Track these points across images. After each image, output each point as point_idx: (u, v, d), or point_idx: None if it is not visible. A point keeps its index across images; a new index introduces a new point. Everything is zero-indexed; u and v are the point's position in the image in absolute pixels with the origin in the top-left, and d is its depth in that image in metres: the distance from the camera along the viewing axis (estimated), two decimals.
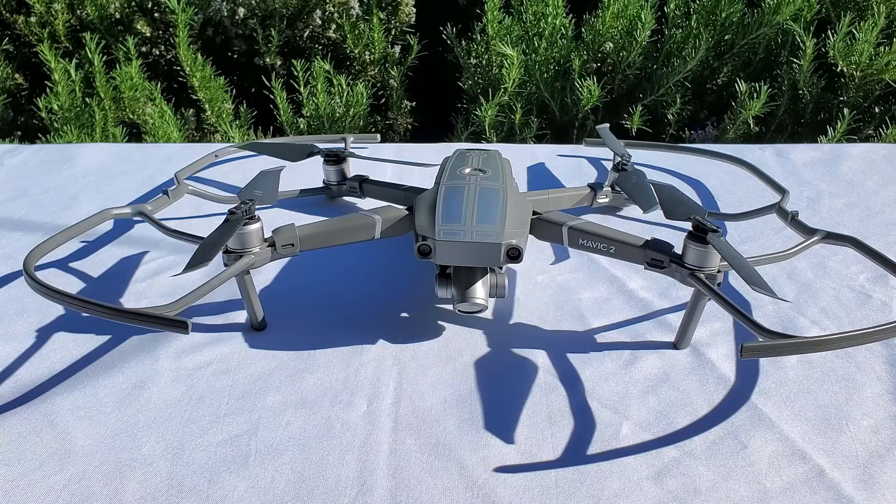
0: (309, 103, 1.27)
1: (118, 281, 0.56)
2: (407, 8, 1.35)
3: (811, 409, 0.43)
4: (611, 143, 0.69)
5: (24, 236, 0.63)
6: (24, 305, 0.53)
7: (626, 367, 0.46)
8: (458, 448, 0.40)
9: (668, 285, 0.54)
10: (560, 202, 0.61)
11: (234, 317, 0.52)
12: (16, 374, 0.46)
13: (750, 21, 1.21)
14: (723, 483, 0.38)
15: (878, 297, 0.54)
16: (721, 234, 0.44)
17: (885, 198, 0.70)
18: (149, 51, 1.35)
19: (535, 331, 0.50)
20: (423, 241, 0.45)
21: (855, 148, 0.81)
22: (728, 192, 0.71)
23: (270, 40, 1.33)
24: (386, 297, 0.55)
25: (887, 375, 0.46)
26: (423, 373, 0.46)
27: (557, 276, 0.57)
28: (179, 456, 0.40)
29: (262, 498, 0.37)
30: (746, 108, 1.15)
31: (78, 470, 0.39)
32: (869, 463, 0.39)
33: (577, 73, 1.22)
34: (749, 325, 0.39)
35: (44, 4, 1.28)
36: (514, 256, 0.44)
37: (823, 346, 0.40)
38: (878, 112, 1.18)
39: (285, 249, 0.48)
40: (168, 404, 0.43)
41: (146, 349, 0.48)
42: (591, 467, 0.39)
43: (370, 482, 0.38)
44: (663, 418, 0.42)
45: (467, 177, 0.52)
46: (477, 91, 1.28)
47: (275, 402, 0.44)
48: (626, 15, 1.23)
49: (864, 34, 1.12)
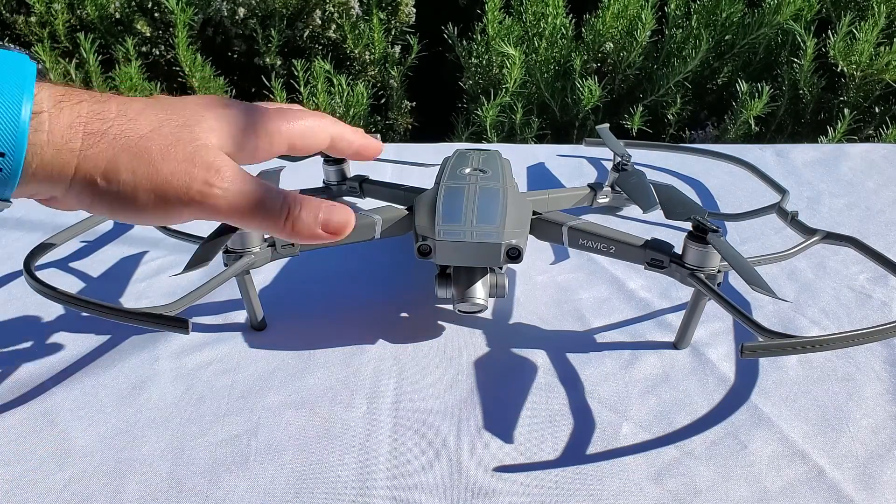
0: (309, 103, 1.27)
1: (118, 281, 0.56)
2: (407, 8, 1.35)
3: (811, 409, 0.43)
4: (611, 143, 0.69)
5: (24, 236, 0.63)
6: (24, 305, 0.53)
7: (626, 367, 0.46)
8: (458, 448, 0.40)
9: (668, 285, 0.54)
10: (560, 202, 0.61)
11: (234, 317, 0.52)
12: (16, 374, 0.46)
13: (750, 21, 1.21)
14: (723, 483, 0.38)
15: (879, 297, 0.54)
16: (721, 234, 0.44)
17: (886, 198, 0.70)
18: (149, 51, 1.35)
19: (535, 331, 0.50)
20: (423, 241, 0.45)
21: (855, 148, 0.81)
22: (728, 192, 0.71)
23: (270, 40, 1.33)
24: (386, 297, 0.55)
25: (887, 375, 0.46)
26: (423, 373, 0.46)
27: (557, 276, 0.57)
28: (179, 456, 0.40)
29: (262, 498, 0.37)
30: (747, 108, 1.15)
31: (78, 470, 0.39)
32: (869, 463, 0.39)
33: (577, 73, 1.22)
34: (749, 324, 0.39)
35: (44, 4, 1.28)
36: (515, 256, 0.44)
37: (823, 346, 0.40)
38: (879, 112, 1.18)
39: (285, 249, 0.48)
40: (168, 404, 0.43)
41: (146, 349, 0.48)
42: (591, 467, 0.39)
43: (370, 482, 0.38)
44: (663, 418, 0.42)
45: (467, 177, 0.52)
46: (477, 91, 1.28)
47: (275, 402, 0.44)
48: (626, 15, 1.23)
49: (865, 34, 1.12)
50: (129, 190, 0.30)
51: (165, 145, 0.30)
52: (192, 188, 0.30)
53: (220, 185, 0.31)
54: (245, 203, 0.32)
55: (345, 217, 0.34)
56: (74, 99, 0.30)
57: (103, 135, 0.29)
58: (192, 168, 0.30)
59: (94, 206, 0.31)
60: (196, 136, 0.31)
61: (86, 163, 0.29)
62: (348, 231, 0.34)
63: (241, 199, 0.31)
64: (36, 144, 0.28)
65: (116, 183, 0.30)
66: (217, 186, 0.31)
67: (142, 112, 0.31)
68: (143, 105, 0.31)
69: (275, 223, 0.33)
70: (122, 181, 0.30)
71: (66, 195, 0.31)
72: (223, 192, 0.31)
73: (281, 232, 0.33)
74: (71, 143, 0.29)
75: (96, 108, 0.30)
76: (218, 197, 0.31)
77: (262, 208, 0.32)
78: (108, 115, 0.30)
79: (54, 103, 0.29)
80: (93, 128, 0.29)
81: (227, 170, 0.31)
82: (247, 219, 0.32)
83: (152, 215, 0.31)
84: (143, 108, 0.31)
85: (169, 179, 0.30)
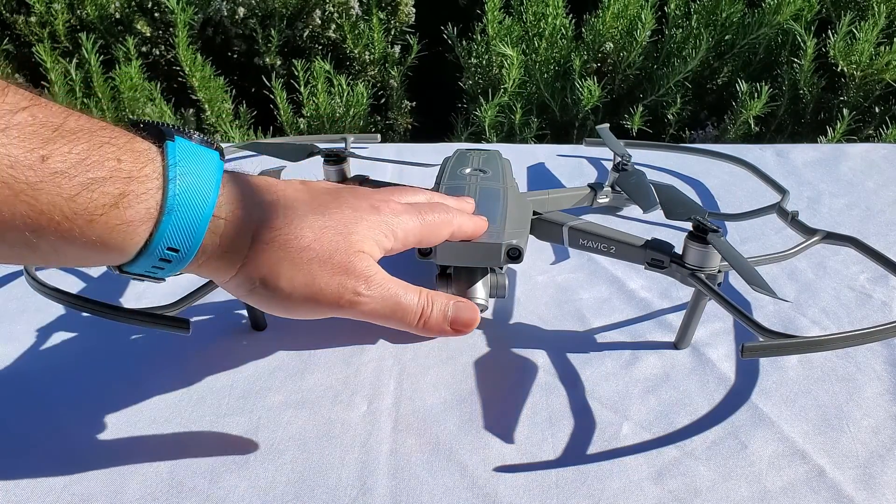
0: (309, 103, 1.27)
1: (118, 281, 0.56)
2: (407, 8, 1.35)
3: (811, 409, 0.43)
4: (611, 143, 0.69)
5: None
6: (24, 305, 0.53)
7: (626, 367, 0.46)
8: (459, 448, 0.40)
9: (669, 285, 0.54)
10: (560, 202, 0.61)
11: (234, 317, 0.52)
12: (16, 374, 0.46)
13: (750, 21, 1.21)
14: (723, 483, 0.38)
15: (879, 297, 0.54)
16: (721, 234, 0.44)
17: (886, 198, 0.70)
18: (149, 51, 1.35)
19: (535, 331, 0.50)
20: None
21: (855, 148, 0.81)
22: (728, 192, 0.71)
23: (270, 40, 1.33)
24: None
25: (887, 375, 0.46)
26: (423, 373, 0.46)
27: (557, 276, 0.57)
28: (179, 456, 0.40)
29: (262, 498, 0.37)
30: (747, 108, 1.15)
31: (78, 470, 0.39)
32: (869, 463, 0.39)
33: (577, 73, 1.22)
34: (749, 324, 0.39)
35: (44, 4, 1.28)
36: (515, 256, 0.44)
37: (824, 346, 0.40)
38: (879, 112, 1.19)
39: None
40: (168, 404, 0.43)
41: (146, 349, 0.48)
42: (591, 467, 0.39)
43: (370, 482, 0.38)
44: (663, 418, 0.42)
45: (467, 177, 0.52)
46: (477, 91, 1.28)
47: (275, 402, 0.44)
48: (626, 15, 1.23)
49: (865, 34, 1.12)
50: (286, 295, 0.33)
51: (325, 258, 0.33)
52: (343, 297, 0.34)
53: (368, 293, 0.34)
54: (387, 308, 0.35)
55: (471, 315, 0.38)
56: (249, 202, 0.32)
57: (271, 242, 0.32)
58: (346, 279, 0.34)
59: (249, 298, 0.34)
60: (351, 245, 0.34)
61: (249, 266, 0.32)
62: (473, 328, 0.38)
63: (383, 304, 0.35)
64: (208, 245, 0.31)
65: (274, 289, 0.33)
66: (364, 295, 0.34)
67: (304, 219, 0.33)
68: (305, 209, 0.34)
69: (409, 325, 0.36)
70: (280, 288, 0.33)
71: (224, 285, 0.34)
72: (370, 299, 0.34)
73: (413, 330, 0.37)
74: (241, 250, 0.32)
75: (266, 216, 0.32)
76: (364, 304, 0.34)
77: (401, 311, 0.36)
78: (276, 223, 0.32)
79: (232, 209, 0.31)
80: (262, 237, 0.32)
81: (375, 278, 0.35)
82: (385, 320, 0.36)
83: (303, 314, 0.35)
84: (305, 214, 0.34)
85: (323, 289, 0.33)
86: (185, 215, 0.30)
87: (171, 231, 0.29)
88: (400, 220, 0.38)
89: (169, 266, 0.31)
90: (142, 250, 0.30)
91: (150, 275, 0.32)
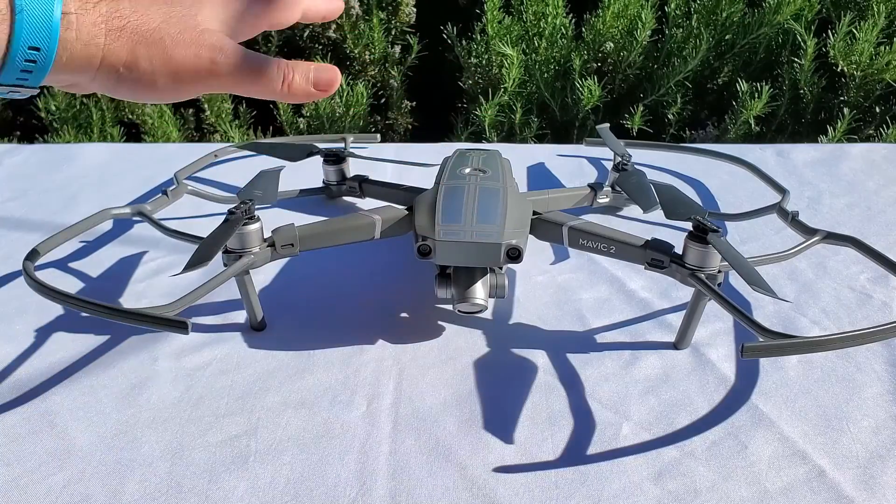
0: (309, 103, 1.27)
1: (118, 281, 0.56)
2: (407, 8, 1.35)
3: (811, 410, 0.43)
4: (611, 143, 0.69)
5: (24, 236, 0.63)
6: (23, 305, 0.53)
7: (626, 367, 0.46)
8: (458, 448, 0.40)
9: (669, 285, 0.54)
10: (560, 202, 0.61)
11: (234, 317, 0.52)
12: (15, 374, 0.46)
13: (751, 21, 1.21)
14: (723, 483, 0.38)
15: (879, 298, 0.54)
16: (721, 234, 0.43)
17: (886, 198, 0.70)
18: None
19: (535, 331, 0.50)
20: (423, 242, 0.45)
21: (855, 148, 0.81)
22: (728, 192, 0.71)
23: (270, 40, 1.32)
24: (386, 297, 0.55)
25: (887, 375, 0.45)
26: (423, 373, 0.46)
27: (557, 276, 0.57)
28: (179, 456, 0.40)
29: (261, 498, 0.37)
30: (747, 107, 1.15)
31: (77, 470, 0.39)
32: (869, 463, 0.39)
33: (577, 72, 1.22)
34: (749, 325, 0.39)
35: None
36: (515, 256, 0.44)
37: (824, 346, 0.40)
38: (879, 112, 1.18)
39: (285, 249, 0.48)
40: (167, 404, 0.43)
41: (145, 349, 0.48)
42: (591, 467, 0.39)
43: (370, 482, 0.38)
44: (663, 418, 0.42)
45: (467, 177, 0.52)
46: (477, 91, 1.27)
47: (274, 402, 0.44)
48: (626, 15, 1.23)
49: (865, 34, 1.12)
50: (149, 75, 0.35)
51: (175, 34, 0.36)
52: (200, 66, 0.36)
53: (224, 59, 0.37)
54: (248, 71, 0.37)
55: (332, 74, 0.39)
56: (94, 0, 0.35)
57: (122, 30, 0.34)
58: (200, 50, 0.36)
59: (116, 90, 0.36)
60: (199, 23, 0.37)
61: (110, 55, 0.34)
62: (336, 86, 0.40)
63: (243, 67, 0.37)
64: (66, 40, 0.33)
65: (137, 70, 0.35)
66: (221, 61, 0.37)
67: (150, 6, 0.36)
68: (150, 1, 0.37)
69: (275, 90, 0.38)
70: (141, 68, 0.35)
71: (90, 82, 0.36)
72: (227, 65, 0.37)
73: (279, 94, 0.38)
74: (96, 38, 0.34)
75: (113, 7, 0.35)
76: (224, 68, 0.37)
77: (264, 75, 0.38)
78: (124, 12, 0.35)
79: (80, 5, 0.34)
80: (113, 25, 0.34)
81: (228, 47, 0.37)
82: (248, 84, 0.38)
83: (170, 93, 0.37)
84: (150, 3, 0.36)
85: (181, 62, 0.36)
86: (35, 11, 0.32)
87: (28, 29, 0.32)
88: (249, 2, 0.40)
89: (36, 68, 0.33)
90: (5, 55, 0.32)
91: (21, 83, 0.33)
